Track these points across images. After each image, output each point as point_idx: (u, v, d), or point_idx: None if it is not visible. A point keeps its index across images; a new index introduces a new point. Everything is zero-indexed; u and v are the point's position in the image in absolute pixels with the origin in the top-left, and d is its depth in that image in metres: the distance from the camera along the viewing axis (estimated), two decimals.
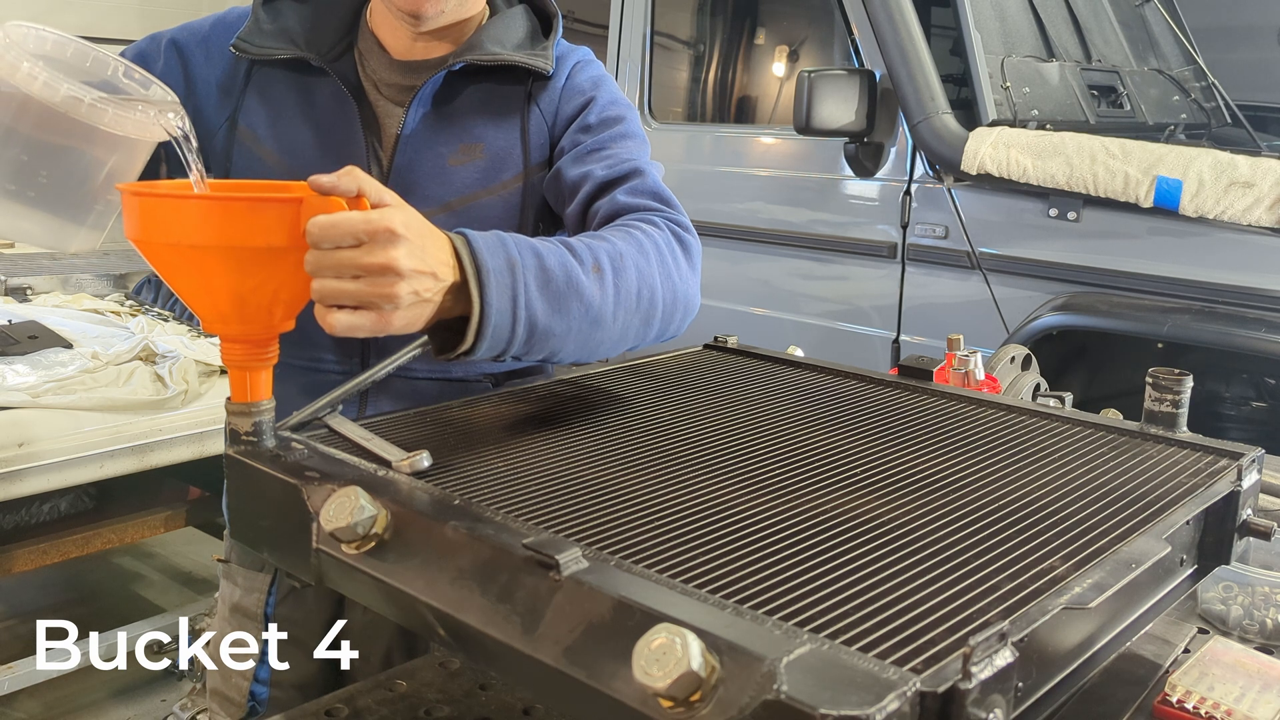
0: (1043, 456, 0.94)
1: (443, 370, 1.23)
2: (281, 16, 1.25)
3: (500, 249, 0.92)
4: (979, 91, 2.99)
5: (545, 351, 0.97)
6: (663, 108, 3.89)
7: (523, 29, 1.27)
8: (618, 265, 1.01)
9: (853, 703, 0.51)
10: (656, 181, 1.20)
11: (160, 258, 0.85)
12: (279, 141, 1.23)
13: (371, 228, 0.80)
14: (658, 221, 1.12)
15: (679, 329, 1.12)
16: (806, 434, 0.97)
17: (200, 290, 0.86)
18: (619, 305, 1.01)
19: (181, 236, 0.82)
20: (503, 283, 0.90)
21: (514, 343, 0.93)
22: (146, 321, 3.09)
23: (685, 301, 1.11)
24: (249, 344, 0.87)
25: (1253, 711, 0.85)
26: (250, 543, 0.88)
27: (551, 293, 0.94)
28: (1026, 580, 0.68)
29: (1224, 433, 2.15)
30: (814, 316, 3.40)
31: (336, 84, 1.22)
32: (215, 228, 0.81)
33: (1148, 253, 2.71)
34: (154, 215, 0.83)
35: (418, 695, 0.87)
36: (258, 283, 0.83)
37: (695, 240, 1.15)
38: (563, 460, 0.88)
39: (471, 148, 1.22)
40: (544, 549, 0.65)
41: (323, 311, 0.82)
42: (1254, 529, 0.91)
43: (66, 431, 2.49)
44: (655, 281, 1.05)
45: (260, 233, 0.81)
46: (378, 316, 0.82)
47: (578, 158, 1.20)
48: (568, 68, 1.26)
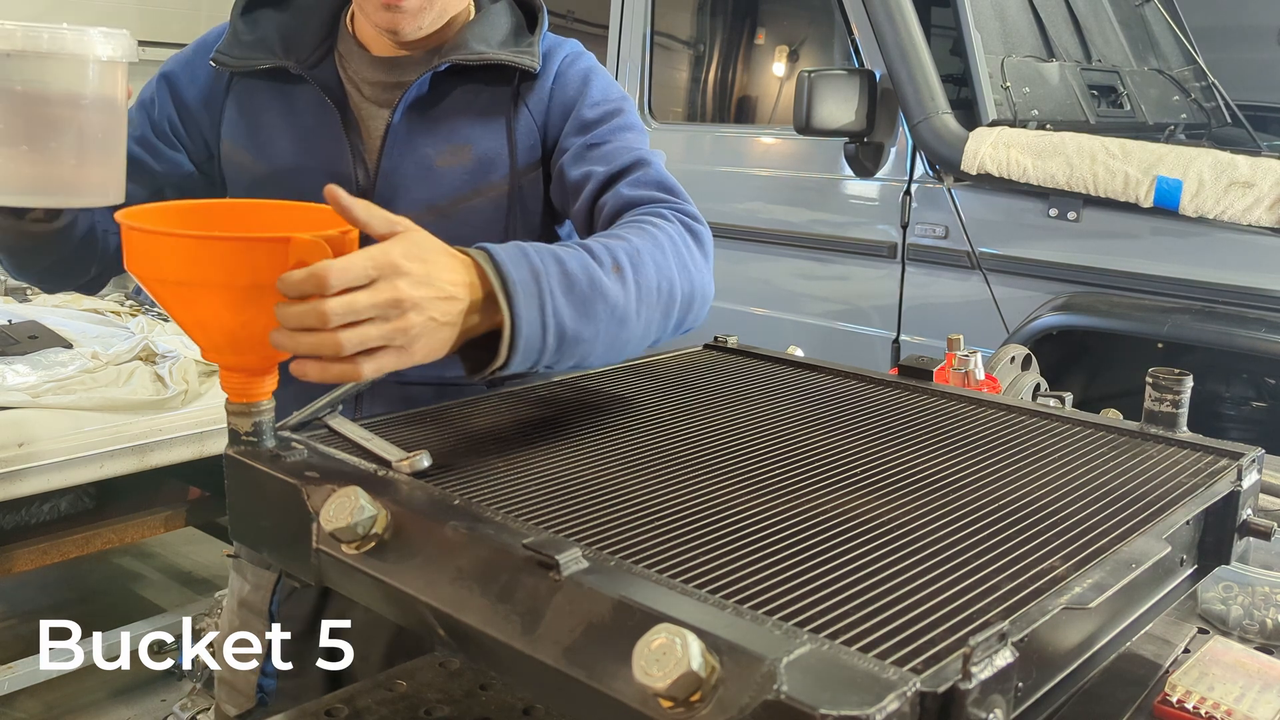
0: (1043, 456, 0.94)
1: (436, 374, 1.23)
2: (259, 26, 1.24)
3: (523, 260, 0.90)
4: (979, 91, 2.99)
5: (575, 357, 0.96)
6: (663, 108, 3.89)
7: (507, 25, 1.26)
8: (636, 262, 1.00)
9: (853, 703, 0.51)
10: (661, 171, 1.18)
11: (154, 291, 0.84)
12: (261, 151, 1.22)
13: (377, 263, 0.79)
14: (667, 214, 1.11)
15: (696, 320, 1.11)
16: (806, 434, 0.97)
17: (194, 323, 0.85)
18: (641, 302, 1.00)
19: (172, 273, 0.81)
20: (529, 292, 0.89)
21: (545, 352, 0.92)
22: (146, 321, 3.09)
23: (702, 291, 1.10)
24: (247, 373, 0.86)
25: (1253, 711, 0.85)
26: (250, 543, 0.88)
27: (576, 297, 0.93)
28: (1026, 580, 0.68)
29: (1224, 433, 2.14)
30: (814, 316, 3.39)
31: (317, 91, 1.21)
32: (204, 266, 0.80)
33: (1148, 253, 2.71)
34: (144, 250, 0.82)
35: (418, 695, 0.87)
36: (249, 318, 0.82)
37: (705, 229, 1.14)
38: (563, 460, 0.88)
39: (459, 149, 1.21)
40: (544, 549, 0.65)
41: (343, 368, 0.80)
42: (1254, 529, 0.91)
43: (66, 431, 2.49)
44: (673, 274, 1.04)
45: (248, 271, 0.79)
46: (399, 352, 0.81)
47: (578, 155, 1.19)
48: (556, 63, 1.25)
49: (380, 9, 1.14)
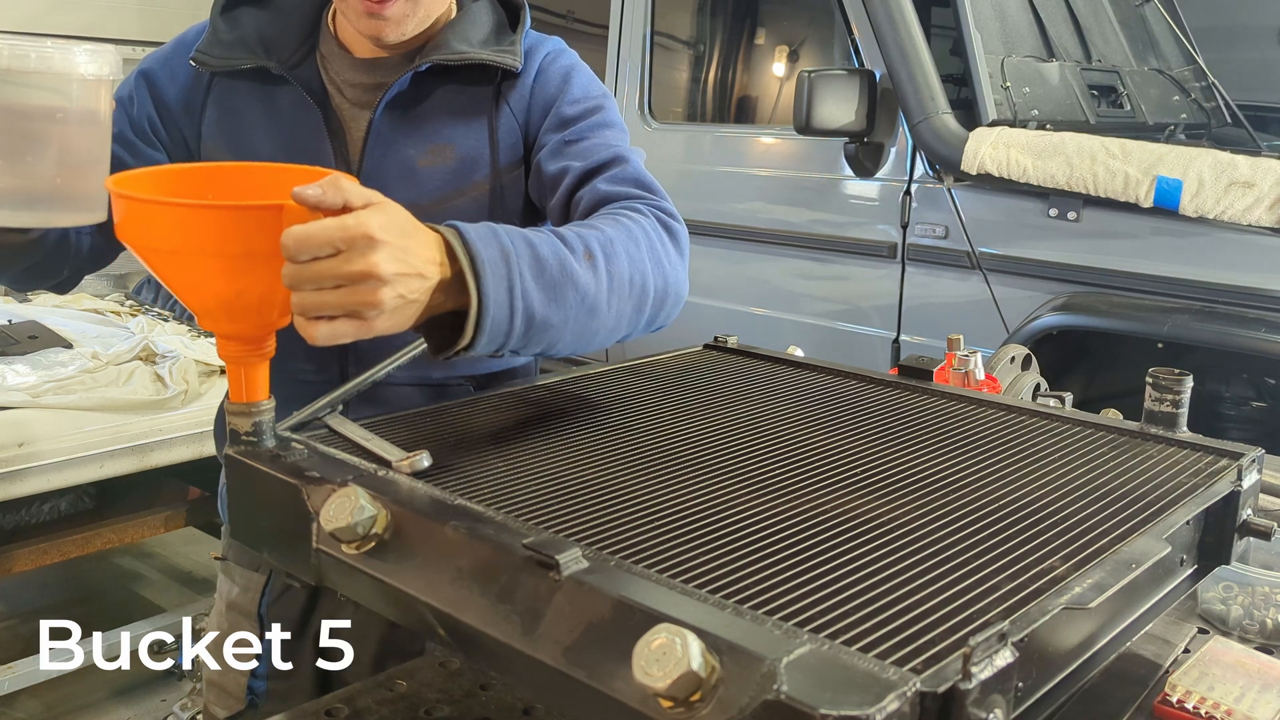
0: (1043, 456, 0.94)
1: (422, 375, 1.22)
2: (240, 25, 1.23)
3: (493, 239, 0.89)
4: (979, 91, 2.99)
5: (544, 343, 0.95)
6: (663, 108, 3.89)
7: (488, 24, 1.25)
8: (609, 252, 0.99)
9: (853, 703, 0.51)
10: (639, 168, 1.17)
11: (147, 259, 0.84)
12: (241, 152, 1.21)
13: (348, 234, 0.77)
14: (643, 209, 1.10)
15: (668, 318, 1.10)
16: (806, 434, 0.97)
17: (190, 291, 0.85)
18: (613, 293, 0.99)
19: (163, 242, 0.81)
20: (498, 273, 0.88)
21: (513, 334, 0.90)
22: (146, 321, 3.09)
23: (675, 289, 1.09)
24: (243, 341, 0.86)
25: (1253, 711, 0.85)
26: (250, 543, 0.88)
27: (546, 281, 0.92)
28: (1026, 580, 0.68)
29: (1224, 433, 2.14)
30: (814, 316, 3.39)
31: (299, 91, 1.20)
32: (195, 235, 0.79)
33: (1148, 253, 2.71)
34: (135, 218, 0.82)
35: (418, 695, 0.87)
36: (243, 286, 0.82)
37: (682, 227, 1.13)
38: (563, 460, 0.88)
39: (441, 149, 1.20)
40: (544, 549, 0.65)
41: (303, 324, 0.79)
42: (1254, 529, 0.91)
43: (66, 431, 2.49)
44: (646, 268, 1.03)
45: (240, 239, 0.79)
46: (360, 323, 0.80)
47: (555, 151, 1.18)
48: (537, 62, 1.24)
49: (363, 16, 1.13)
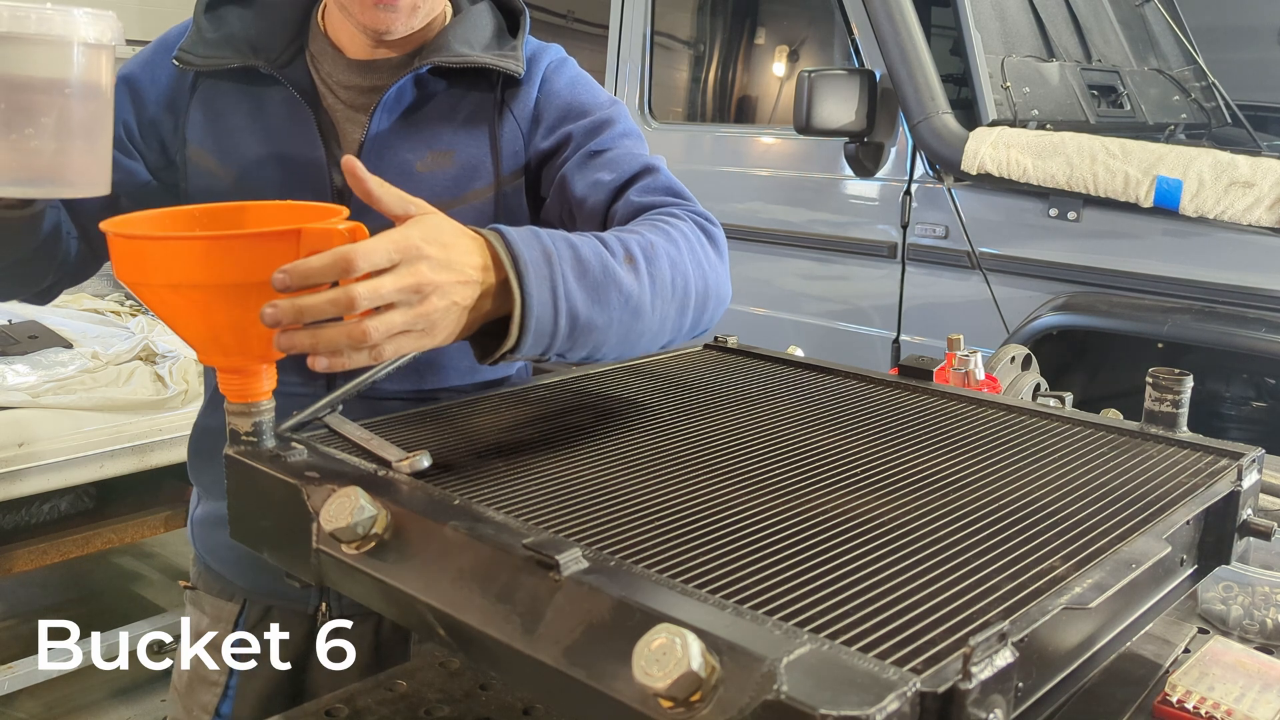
0: (1043, 456, 0.94)
1: (413, 386, 1.19)
2: (225, 23, 1.19)
3: (535, 241, 0.89)
4: (979, 91, 2.99)
5: (589, 346, 0.94)
6: (663, 108, 3.89)
7: (489, 28, 1.22)
8: (650, 255, 0.98)
9: (853, 703, 0.51)
10: (669, 176, 1.16)
11: (156, 298, 0.83)
12: (229, 156, 1.17)
13: (397, 247, 0.77)
14: (679, 214, 1.09)
15: (712, 320, 1.09)
16: (806, 434, 0.97)
17: (201, 326, 0.83)
18: (656, 295, 0.98)
19: (182, 278, 0.79)
20: (541, 274, 0.87)
21: (558, 336, 0.89)
22: (146, 321, 3.09)
23: (717, 291, 1.08)
24: (245, 375, 0.85)
25: (1253, 711, 0.85)
26: (250, 543, 0.88)
27: (589, 282, 0.91)
28: (1026, 580, 0.68)
29: (1224, 433, 2.15)
30: (814, 316, 3.40)
31: (289, 91, 1.16)
32: (215, 266, 0.78)
33: (1148, 253, 2.72)
34: (147, 258, 0.80)
35: (418, 695, 0.87)
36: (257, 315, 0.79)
37: (719, 230, 1.12)
38: (563, 460, 0.88)
39: (441, 155, 1.18)
40: (544, 549, 0.65)
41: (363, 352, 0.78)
42: (1254, 529, 0.91)
43: (66, 431, 2.50)
44: (688, 270, 1.02)
45: (263, 266, 0.77)
46: (420, 335, 0.80)
47: (580, 167, 1.16)
48: (541, 70, 1.21)
49: (370, 8, 1.10)
